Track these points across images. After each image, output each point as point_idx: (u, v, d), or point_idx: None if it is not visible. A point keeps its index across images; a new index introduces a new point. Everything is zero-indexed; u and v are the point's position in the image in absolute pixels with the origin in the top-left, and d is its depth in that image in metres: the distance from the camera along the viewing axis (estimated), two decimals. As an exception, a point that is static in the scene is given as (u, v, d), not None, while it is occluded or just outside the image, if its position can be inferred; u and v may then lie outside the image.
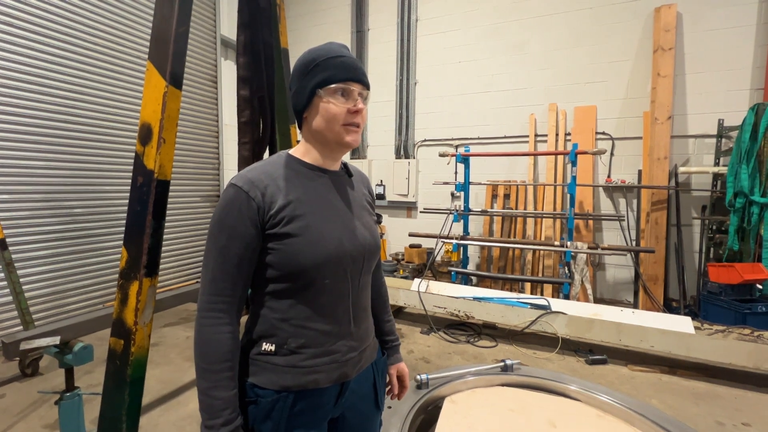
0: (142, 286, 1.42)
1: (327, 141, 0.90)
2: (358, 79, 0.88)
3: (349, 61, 0.88)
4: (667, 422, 1.86)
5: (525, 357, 3.15)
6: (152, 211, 1.42)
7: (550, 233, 4.69)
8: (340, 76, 0.86)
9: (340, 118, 0.86)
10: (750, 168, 3.42)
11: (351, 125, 0.88)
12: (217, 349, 0.82)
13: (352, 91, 0.87)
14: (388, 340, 1.15)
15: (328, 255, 0.85)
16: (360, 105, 0.87)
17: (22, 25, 3.22)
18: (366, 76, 0.91)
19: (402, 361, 1.17)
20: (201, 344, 0.82)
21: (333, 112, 0.86)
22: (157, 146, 1.41)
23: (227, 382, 0.82)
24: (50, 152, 3.45)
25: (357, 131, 0.89)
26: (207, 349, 0.82)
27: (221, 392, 0.81)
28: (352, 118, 0.87)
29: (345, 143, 0.89)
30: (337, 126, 0.87)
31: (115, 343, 1.46)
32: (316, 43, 0.92)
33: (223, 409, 0.80)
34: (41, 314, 3.37)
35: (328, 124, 0.87)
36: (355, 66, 0.88)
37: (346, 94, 0.87)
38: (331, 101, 0.86)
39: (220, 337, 0.82)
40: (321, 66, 0.87)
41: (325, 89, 0.86)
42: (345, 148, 0.91)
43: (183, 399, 2.52)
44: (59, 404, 1.80)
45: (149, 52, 1.49)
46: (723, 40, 4.07)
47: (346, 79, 0.86)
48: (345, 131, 0.88)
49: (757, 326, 2.97)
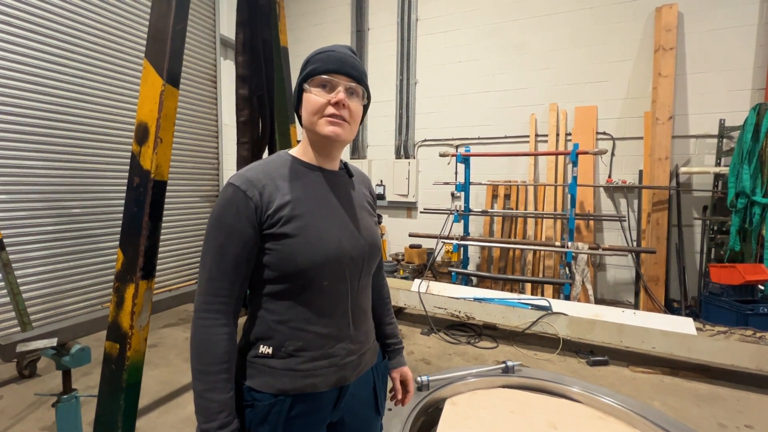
0: (139, 289, 1.40)
1: (314, 135, 0.89)
2: (344, 71, 0.85)
3: (336, 55, 0.86)
4: (668, 424, 1.84)
5: (526, 358, 3.13)
6: (149, 213, 1.40)
7: (550, 234, 4.67)
8: (323, 68, 0.85)
9: (321, 110, 0.85)
10: (752, 168, 3.40)
11: (333, 117, 0.85)
12: (213, 350, 0.80)
13: (337, 83, 0.85)
14: (391, 343, 1.13)
15: (327, 256, 0.84)
16: (340, 96, 0.84)
17: (18, 24, 3.20)
18: (356, 70, 0.87)
19: (405, 365, 1.14)
20: (197, 345, 0.81)
21: (313, 103, 0.85)
22: (153, 146, 1.39)
23: (223, 384, 0.80)
24: (48, 152, 3.43)
25: (339, 123, 0.85)
26: (203, 350, 0.80)
27: (217, 395, 0.79)
28: (334, 109, 0.85)
29: (324, 134, 0.86)
30: (318, 117, 0.86)
31: (111, 347, 1.44)
32: (316, 43, 0.92)
33: (218, 411, 0.78)
34: (39, 315, 3.35)
35: (310, 116, 0.87)
36: (341, 59, 0.86)
37: (330, 86, 0.85)
38: (313, 92, 0.86)
39: (217, 338, 0.81)
40: (310, 61, 0.88)
41: (309, 81, 0.87)
42: (328, 141, 0.88)
43: (182, 401, 2.51)
44: (56, 406, 1.78)
45: (146, 50, 1.47)
46: (724, 39, 4.05)
47: (330, 71, 0.85)
48: (326, 122, 0.85)
49: (759, 327, 2.95)
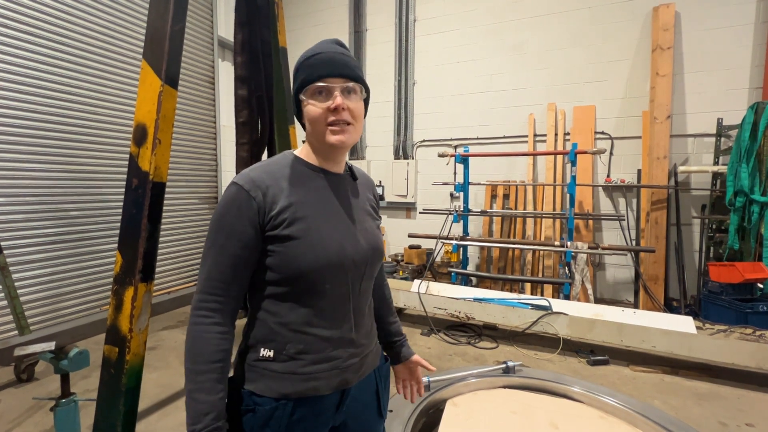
0: (138, 292, 1.39)
1: (318, 143, 0.89)
2: (337, 73, 0.83)
3: (324, 57, 0.84)
4: (669, 423, 1.84)
5: (526, 358, 3.13)
6: (148, 215, 1.38)
7: (549, 233, 4.68)
8: (315, 75, 0.83)
9: (322, 119, 0.83)
10: (750, 167, 3.41)
11: (334, 124, 0.83)
12: (204, 349, 0.79)
13: (332, 88, 0.83)
14: (396, 340, 1.13)
15: (329, 259, 0.83)
16: (338, 101, 0.81)
17: (14, 25, 3.19)
18: (348, 67, 0.84)
19: (414, 354, 1.14)
20: (189, 343, 0.80)
21: (312, 114, 0.84)
22: (152, 147, 1.38)
23: (212, 385, 0.78)
24: (45, 154, 3.40)
25: (342, 130, 0.84)
26: (195, 349, 0.79)
27: (205, 395, 0.77)
28: (334, 116, 0.82)
29: (329, 144, 0.85)
30: (321, 127, 0.84)
31: (110, 351, 1.42)
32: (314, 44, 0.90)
33: (205, 413, 0.76)
34: (37, 318, 3.33)
35: (313, 127, 0.86)
36: (331, 61, 0.83)
37: (326, 92, 0.83)
38: (310, 103, 0.84)
39: (208, 336, 0.79)
40: (301, 69, 0.86)
41: (304, 92, 0.85)
42: (333, 149, 0.87)
43: (181, 404, 2.49)
44: (55, 410, 1.78)
45: (144, 51, 1.46)
46: (721, 39, 4.06)
47: (321, 76, 0.82)
48: (329, 132, 0.84)
49: (758, 326, 2.96)
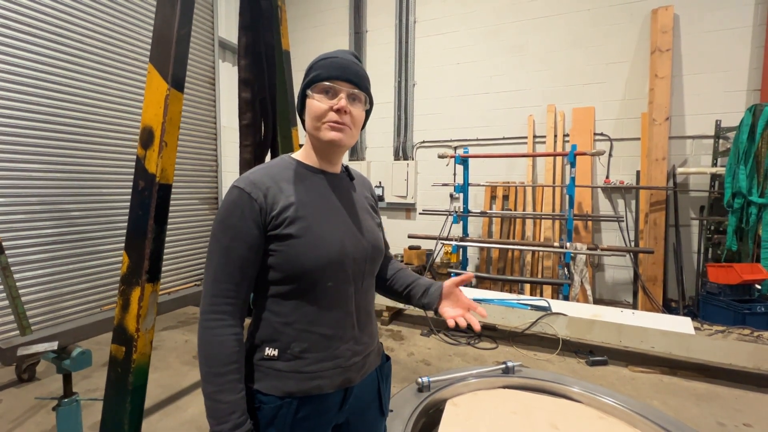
0: (144, 292, 1.40)
1: (316, 140, 0.91)
2: (346, 78, 0.87)
3: (339, 62, 0.88)
4: (668, 423, 1.86)
5: (525, 358, 3.14)
6: (154, 216, 1.40)
7: (549, 234, 4.70)
8: (326, 75, 0.87)
9: (323, 116, 0.87)
10: (748, 168, 3.44)
11: (335, 123, 0.87)
12: (221, 351, 0.80)
13: (339, 89, 0.87)
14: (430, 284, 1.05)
15: (330, 257, 0.85)
16: (342, 103, 0.86)
17: (18, 27, 3.20)
18: (358, 76, 0.89)
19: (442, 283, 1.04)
20: (205, 347, 0.81)
21: (315, 109, 0.87)
22: (159, 150, 1.40)
23: (233, 385, 0.80)
24: (47, 155, 3.42)
25: (341, 129, 0.87)
26: (211, 351, 0.81)
27: (227, 396, 0.79)
28: (336, 116, 0.86)
29: (327, 140, 0.88)
30: (320, 123, 0.87)
31: (117, 350, 1.44)
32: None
33: (230, 413, 0.79)
34: (39, 318, 3.34)
35: (313, 122, 0.88)
36: (344, 66, 0.88)
37: (332, 92, 0.87)
38: (316, 98, 0.87)
39: (223, 339, 0.81)
40: (314, 67, 0.89)
41: (312, 88, 0.88)
42: (330, 146, 0.90)
43: (182, 404, 2.50)
44: (57, 410, 1.78)
45: (150, 55, 1.48)
46: (720, 41, 4.09)
47: (332, 77, 0.87)
48: (328, 128, 0.87)
49: (756, 326, 2.98)
